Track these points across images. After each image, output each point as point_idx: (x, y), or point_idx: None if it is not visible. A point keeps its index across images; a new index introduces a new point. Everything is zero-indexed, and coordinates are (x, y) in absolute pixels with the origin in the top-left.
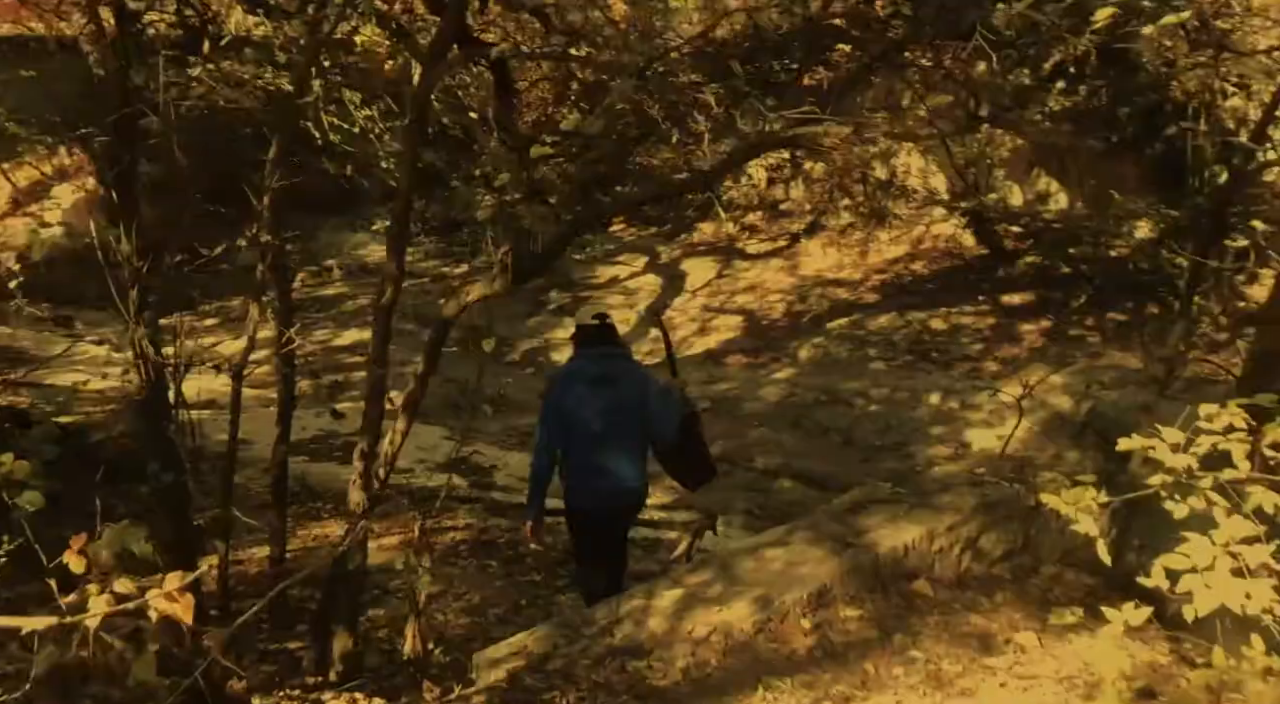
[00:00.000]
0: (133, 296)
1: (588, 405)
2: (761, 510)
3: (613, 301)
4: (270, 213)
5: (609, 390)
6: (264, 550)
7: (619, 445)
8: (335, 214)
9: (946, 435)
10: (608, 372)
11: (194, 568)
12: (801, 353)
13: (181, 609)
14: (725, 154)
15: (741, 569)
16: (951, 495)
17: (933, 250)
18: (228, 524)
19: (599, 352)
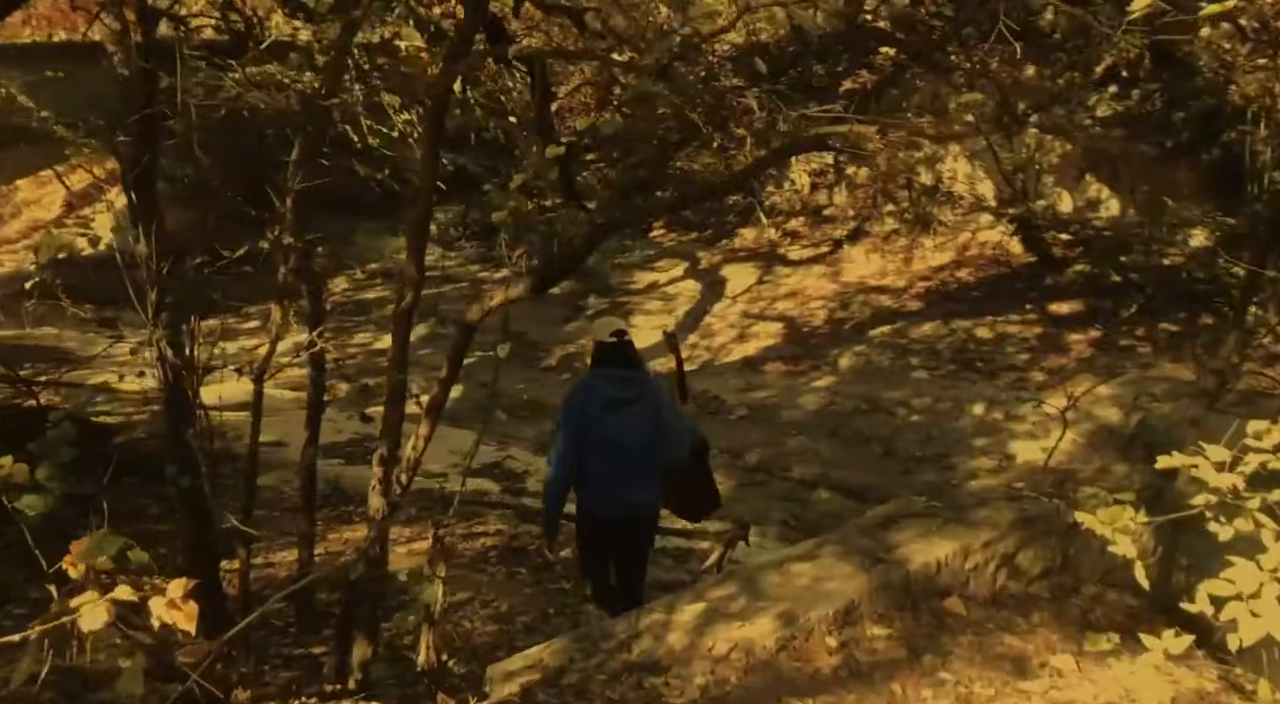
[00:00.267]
0: (151, 298)
1: (604, 423)
2: (797, 521)
3: (651, 307)
4: (294, 214)
5: (625, 409)
6: (294, 554)
7: (633, 463)
8: (376, 218)
9: (990, 447)
10: (624, 390)
11: (214, 572)
12: (842, 361)
13: (184, 617)
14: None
15: (766, 583)
16: (988, 510)
17: (979, 258)
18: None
19: (616, 370)
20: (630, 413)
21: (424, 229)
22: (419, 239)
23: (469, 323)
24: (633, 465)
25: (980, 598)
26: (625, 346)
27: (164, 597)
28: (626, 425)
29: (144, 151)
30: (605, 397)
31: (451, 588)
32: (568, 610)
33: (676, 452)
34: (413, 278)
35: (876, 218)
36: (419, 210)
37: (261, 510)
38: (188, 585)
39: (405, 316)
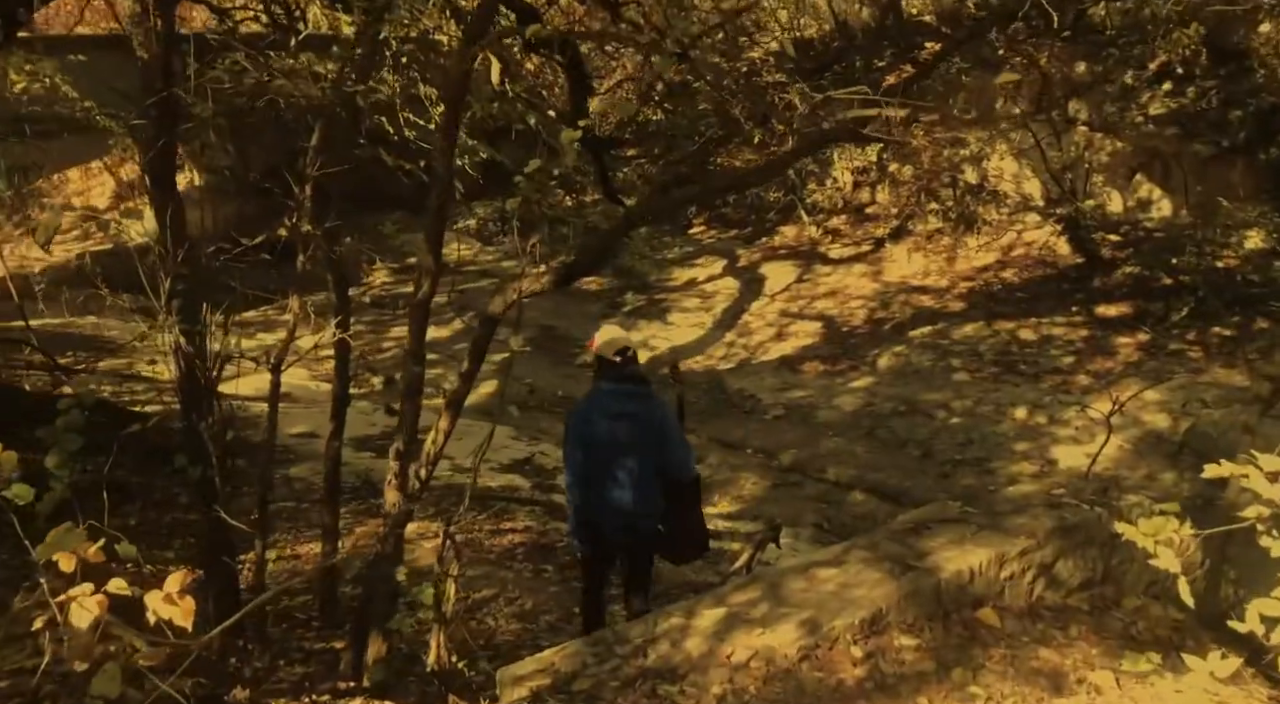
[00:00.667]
0: (165, 286)
1: (606, 438)
2: (831, 524)
3: (689, 304)
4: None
5: (628, 424)
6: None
7: (633, 478)
8: (416, 212)
9: (1032, 451)
10: (627, 405)
11: (228, 564)
12: (881, 361)
13: (180, 613)
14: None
15: (790, 589)
16: (1026, 517)
17: (1024, 258)
18: (264, 520)
19: (620, 387)
20: (632, 427)
21: (441, 218)
22: (436, 228)
23: (491, 316)
24: (633, 479)
25: (1015, 609)
26: (630, 363)
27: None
28: (628, 439)
29: (161, 135)
30: (609, 411)
31: (476, 585)
32: None
33: (679, 471)
34: (429, 268)
35: (919, 216)
36: (437, 199)
37: (290, 502)
38: (185, 579)
39: (422, 308)
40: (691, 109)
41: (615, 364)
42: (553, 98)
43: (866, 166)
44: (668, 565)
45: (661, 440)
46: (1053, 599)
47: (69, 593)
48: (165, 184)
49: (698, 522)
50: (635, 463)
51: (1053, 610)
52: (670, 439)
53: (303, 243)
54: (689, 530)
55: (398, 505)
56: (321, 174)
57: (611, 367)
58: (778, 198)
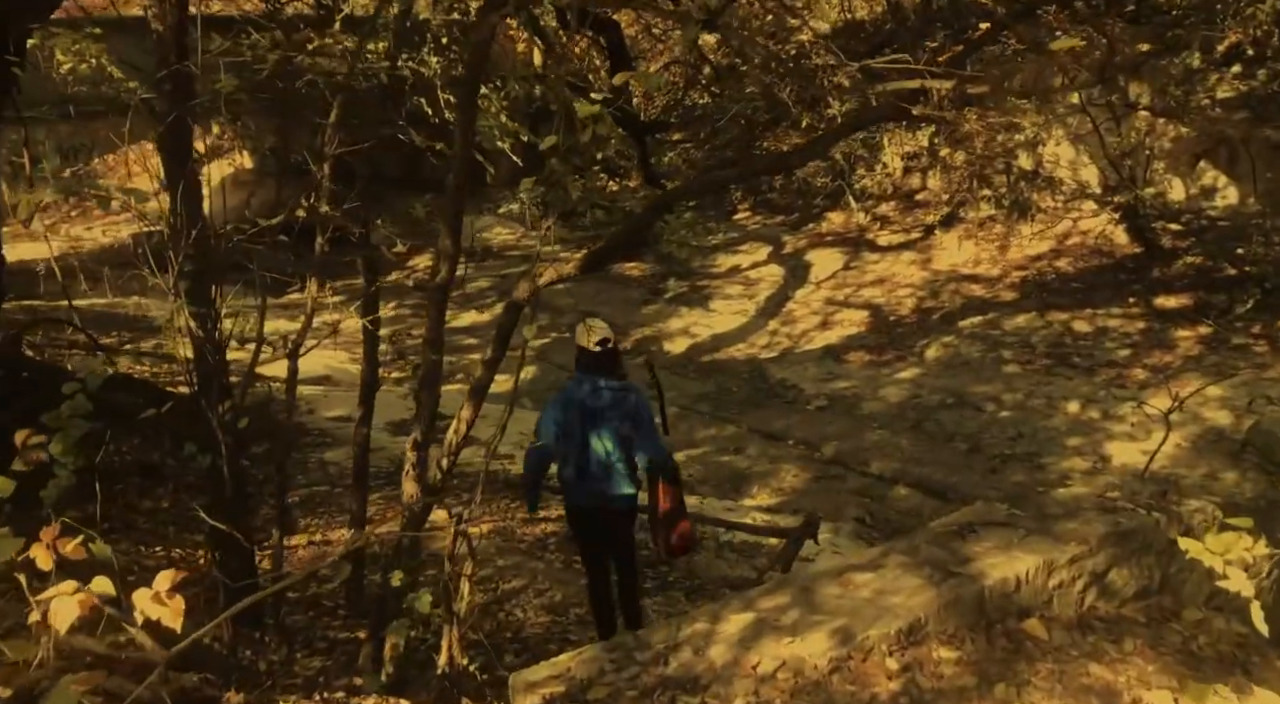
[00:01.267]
0: (175, 264)
1: (582, 426)
2: (873, 519)
3: (731, 291)
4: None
5: (602, 415)
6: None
7: (605, 465)
8: None
9: (1084, 447)
10: (604, 398)
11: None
12: (929, 352)
13: (170, 613)
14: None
15: (823, 595)
16: (1077, 521)
17: (1080, 247)
18: (283, 508)
19: (599, 379)
20: (610, 415)
21: (460, 199)
22: (455, 210)
23: (516, 301)
24: (610, 464)
25: (1064, 620)
26: (610, 355)
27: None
28: (603, 427)
29: (174, 108)
30: (589, 399)
31: (506, 575)
32: None
33: (655, 454)
34: (448, 252)
35: (971, 203)
36: (455, 178)
37: (324, 486)
38: (175, 578)
39: (440, 293)
40: (738, 93)
41: (595, 355)
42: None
43: (917, 152)
44: (703, 560)
45: (635, 429)
46: (1105, 610)
47: (49, 592)
48: (179, 159)
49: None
50: (611, 451)
51: (1105, 622)
52: (644, 428)
53: (321, 224)
54: (675, 526)
55: (415, 497)
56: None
57: (591, 357)
58: (825, 184)
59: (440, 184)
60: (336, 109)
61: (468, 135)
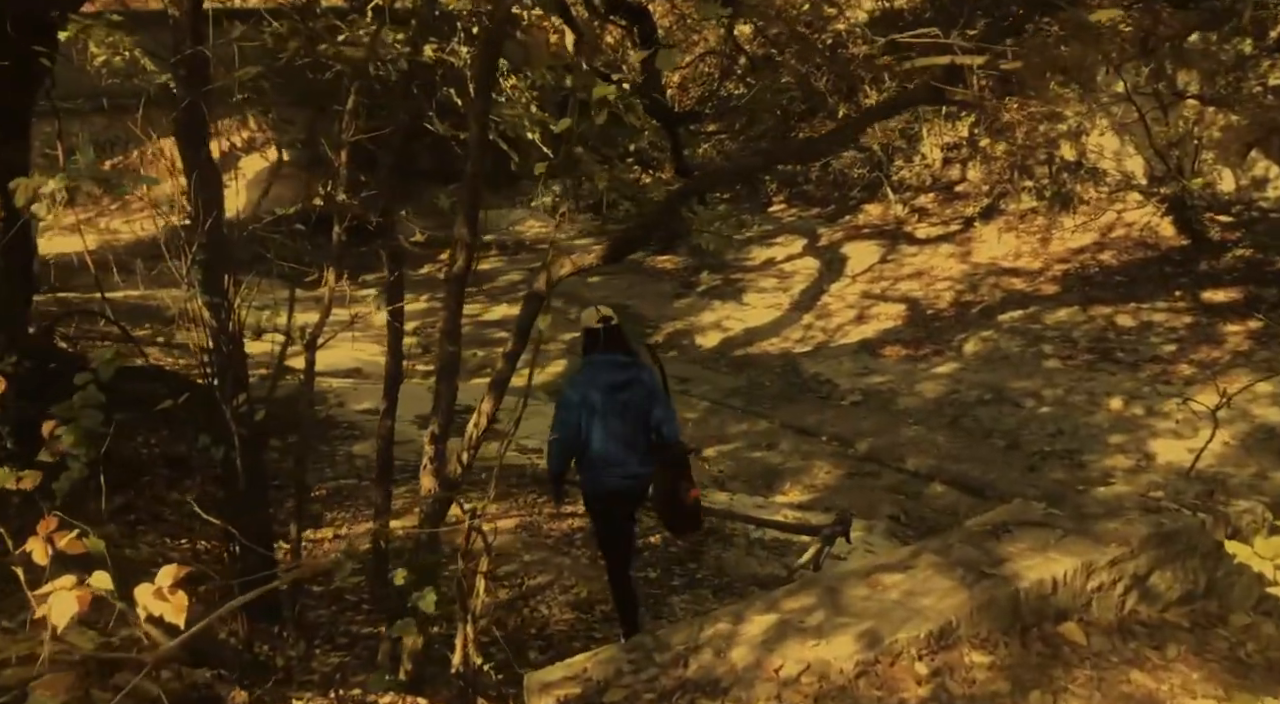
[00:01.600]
0: (188, 254)
1: (602, 408)
2: (907, 516)
3: (765, 284)
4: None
5: (621, 394)
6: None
7: (627, 443)
8: (494, 190)
9: (1127, 445)
10: (621, 373)
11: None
12: (967, 346)
13: (172, 609)
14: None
15: (850, 596)
16: (1118, 522)
17: (1124, 239)
18: (301, 502)
19: (612, 355)
20: (626, 394)
21: (476, 187)
22: (471, 198)
23: (536, 292)
24: (627, 442)
25: (1104, 625)
26: (615, 331)
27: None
28: (623, 406)
29: (189, 94)
30: (603, 382)
31: (532, 571)
32: (650, 601)
33: (669, 433)
34: (464, 240)
35: (1012, 194)
36: (472, 165)
37: (352, 479)
38: (178, 573)
39: (457, 282)
40: (774, 82)
41: (603, 332)
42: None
43: (957, 142)
44: (732, 556)
45: (652, 405)
46: (1147, 614)
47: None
48: (194, 145)
49: (690, 494)
50: (633, 429)
51: (1147, 627)
52: (660, 403)
53: (339, 214)
54: (681, 501)
55: (433, 491)
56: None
57: (600, 336)
58: (862, 175)
59: None
60: (354, 96)
61: (483, 120)
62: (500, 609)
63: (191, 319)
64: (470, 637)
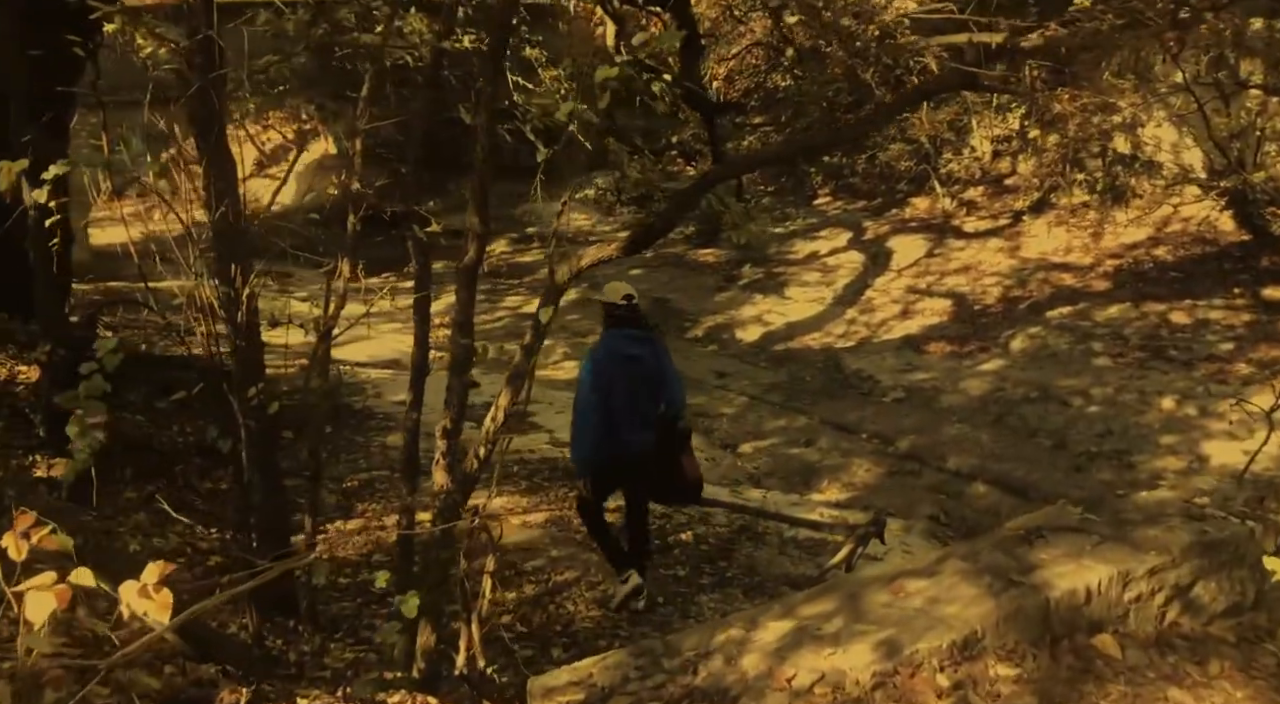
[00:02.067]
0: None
1: (620, 378)
2: (948, 517)
3: (809, 278)
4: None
5: (636, 366)
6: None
7: (639, 412)
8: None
9: (1179, 446)
10: (637, 347)
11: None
12: (1014, 343)
13: (157, 607)
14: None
15: (870, 602)
16: (1158, 529)
17: (1180, 234)
18: (315, 495)
19: (630, 331)
20: (641, 366)
21: (487, 174)
22: (481, 185)
23: (557, 284)
24: (637, 419)
25: (1141, 638)
26: (634, 308)
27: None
28: (638, 377)
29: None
30: (623, 353)
31: (559, 567)
32: (678, 599)
33: (674, 401)
34: (476, 230)
35: (1063, 188)
36: (483, 148)
37: (384, 470)
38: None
39: (468, 273)
40: (821, 74)
41: (623, 309)
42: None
43: (1007, 135)
44: (764, 555)
45: (663, 378)
46: (1189, 627)
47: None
48: (207, 132)
49: (691, 466)
50: (647, 401)
51: (1189, 641)
52: (670, 377)
53: (354, 203)
54: (682, 473)
55: (446, 487)
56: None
57: (621, 311)
58: (909, 168)
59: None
60: (369, 82)
61: (491, 106)
62: (525, 605)
63: (200, 309)
64: (476, 638)
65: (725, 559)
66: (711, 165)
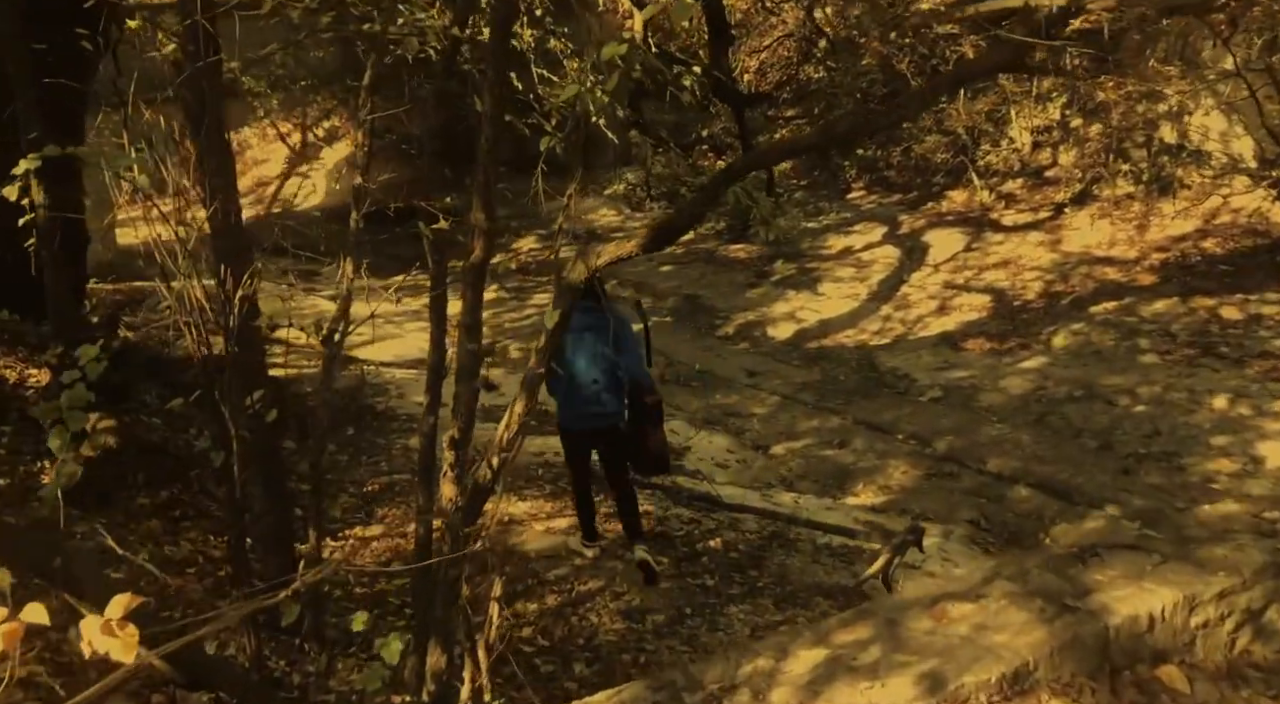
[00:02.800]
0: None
1: (579, 349)
2: (988, 522)
3: (842, 274)
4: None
5: (592, 333)
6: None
7: (601, 381)
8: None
9: (1232, 447)
10: (592, 319)
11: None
12: (1056, 340)
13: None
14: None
15: (912, 630)
16: (1226, 547)
17: (1230, 226)
18: (319, 509)
19: (584, 303)
20: (595, 337)
21: (492, 167)
22: (487, 179)
23: (572, 283)
24: (600, 388)
25: (1210, 669)
26: (593, 282)
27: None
28: (592, 347)
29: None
30: (580, 323)
31: (582, 576)
32: (706, 611)
33: (635, 373)
34: (482, 227)
35: (1107, 179)
36: (488, 137)
37: (406, 474)
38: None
39: (474, 273)
40: (854, 65)
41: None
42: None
43: (1048, 125)
44: (796, 563)
45: (621, 346)
46: (1263, 656)
47: None
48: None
49: (659, 440)
50: (601, 369)
51: (1262, 672)
52: (626, 345)
53: (357, 199)
54: (649, 446)
55: (455, 501)
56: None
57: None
58: (946, 160)
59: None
60: (370, 70)
61: (497, 92)
62: (547, 617)
63: (189, 311)
64: (483, 669)
65: (756, 567)
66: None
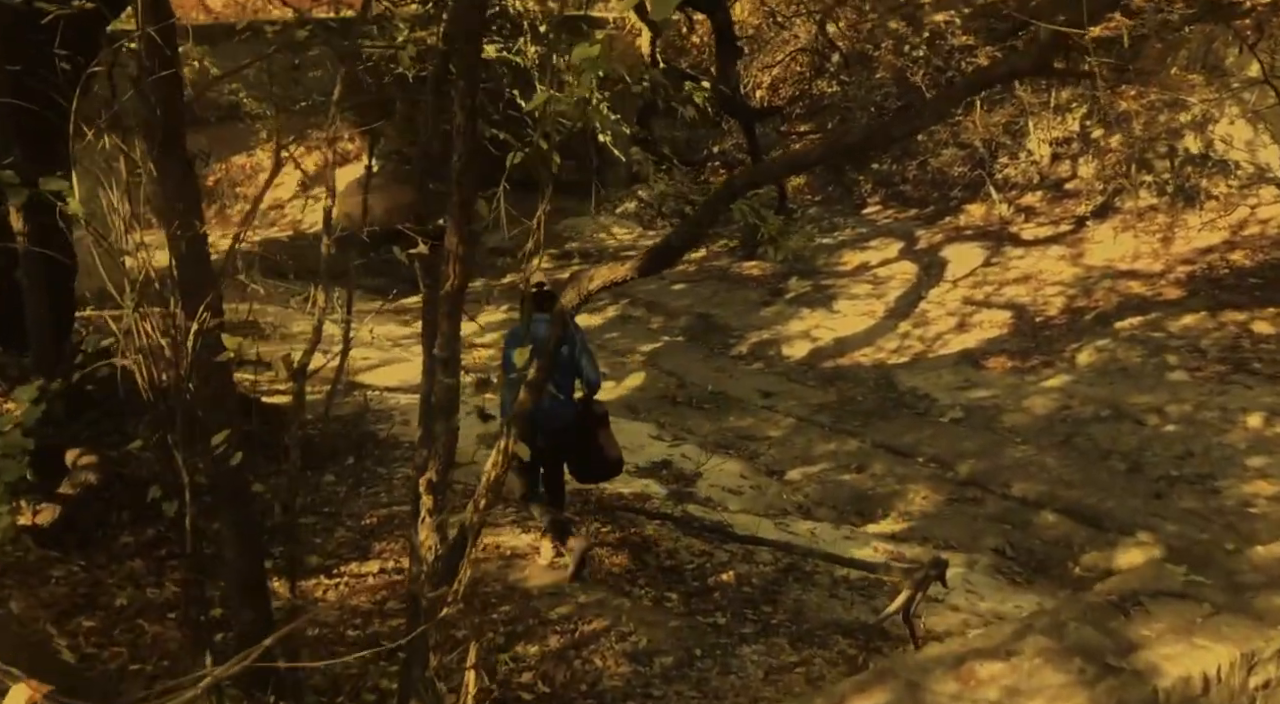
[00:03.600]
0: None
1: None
2: (1014, 549)
3: (858, 291)
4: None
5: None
6: None
7: (557, 390)
8: (576, 197)
9: (1270, 468)
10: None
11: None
12: (1080, 357)
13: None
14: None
15: (936, 693)
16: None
17: (1259, 237)
18: (293, 558)
19: (541, 316)
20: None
21: (469, 183)
22: (461, 196)
23: (563, 310)
24: (555, 397)
25: None
26: (548, 296)
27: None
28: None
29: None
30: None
31: (587, 614)
32: (718, 653)
33: (590, 381)
34: (455, 251)
35: (1129, 191)
36: (460, 161)
37: (406, 506)
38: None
39: (450, 302)
40: (868, 79)
41: (539, 296)
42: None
43: (1067, 137)
44: (813, 598)
45: (576, 358)
46: None
47: None
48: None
49: (610, 445)
50: (562, 380)
51: None
52: (585, 355)
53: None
54: (600, 452)
55: (433, 549)
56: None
57: (535, 298)
58: (963, 174)
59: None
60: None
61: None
62: (548, 660)
63: (139, 350)
64: None
65: (770, 603)
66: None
